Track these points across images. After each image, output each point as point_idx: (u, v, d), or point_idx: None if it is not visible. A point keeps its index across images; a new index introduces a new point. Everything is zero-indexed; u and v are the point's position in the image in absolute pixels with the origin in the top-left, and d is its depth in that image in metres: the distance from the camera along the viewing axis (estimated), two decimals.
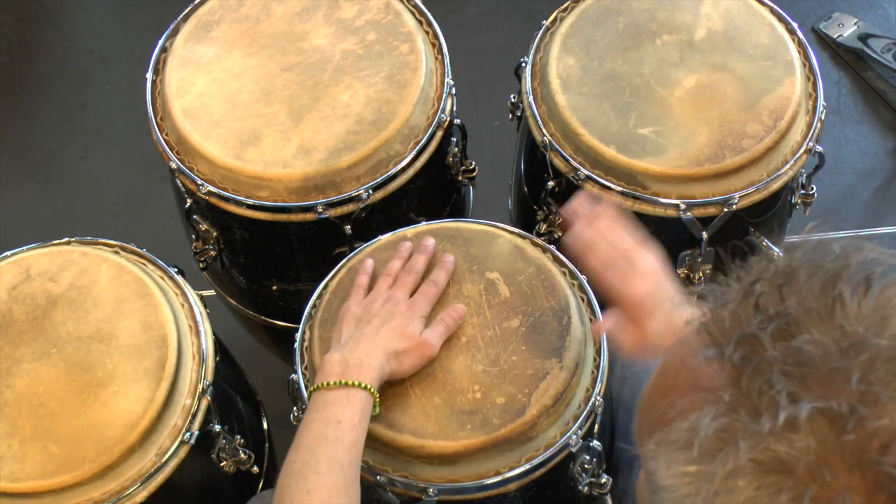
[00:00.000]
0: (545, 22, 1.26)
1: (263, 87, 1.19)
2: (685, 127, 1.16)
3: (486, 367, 1.00)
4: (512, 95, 1.30)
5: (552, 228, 1.26)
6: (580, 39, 1.23)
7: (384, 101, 1.17)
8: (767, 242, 1.24)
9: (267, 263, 1.28)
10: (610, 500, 1.07)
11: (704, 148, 1.14)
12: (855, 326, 0.47)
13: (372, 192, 1.14)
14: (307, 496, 0.87)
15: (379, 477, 0.98)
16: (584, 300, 1.07)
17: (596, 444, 1.01)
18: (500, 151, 1.57)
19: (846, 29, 2.04)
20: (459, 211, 1.36)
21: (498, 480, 0.97)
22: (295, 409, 1.07)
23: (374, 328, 0.97)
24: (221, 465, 1.12)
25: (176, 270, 1.15)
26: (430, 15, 1.25)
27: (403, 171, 1.16)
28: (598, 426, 1.03)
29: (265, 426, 1.33)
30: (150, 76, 1.23)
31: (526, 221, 1.35)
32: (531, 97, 1.22)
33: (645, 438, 0.55)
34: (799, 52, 1.22)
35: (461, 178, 1.29)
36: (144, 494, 1.01)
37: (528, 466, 0.97)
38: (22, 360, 1.05)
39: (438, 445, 0.96)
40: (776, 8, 1.26)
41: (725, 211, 1.15)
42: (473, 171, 1.29)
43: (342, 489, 0.88)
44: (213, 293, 1.42)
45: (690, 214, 1.15)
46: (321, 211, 1.14)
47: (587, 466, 1.02)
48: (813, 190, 1.28)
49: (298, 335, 1.06)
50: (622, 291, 0.94)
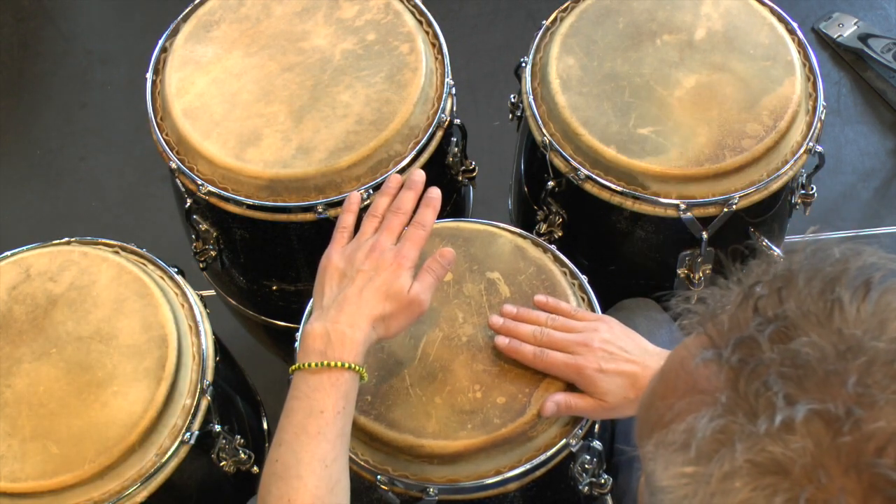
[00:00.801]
0: (545, 22, 1.26)
1: (263, 87, 1.19)
2: (685, 127, 1.16)
3: (486, 366, 1.00)
4: (512, 95, 1.30)
5: (552, 228, 1.26)
6: (580, 39, 1.23)
7: (384, 101, 1.17)
8: (767, 242, 1.24)
9: (267, 263, 1.28)
10: (610, 500, 1.07)
11: (704, 148, 1.14)
12: (853, 330, 0.48)
13: (372, 192, 1.14)
14: None
15: (379, 477, 0.98)
16: (584, 300, 1.07)
17: (596, 444, 1.01)
18: (500, 151, 1.58)
19: (846, 29, 2.04)
20: (459, 211, 1.36)
21: (498, 480, 0.97)
22: None
23: (357, 288, 0.91)
24: (221, 465, 1.12)
25: (176, 270, 1.15)
26: (430, 15, 1.25)
27: (403, 171, 1.16)
28: (598, 426, 1.03)
29: (265, 426, 1.33)
30: (150, 76, 1.23)
31: (526, 221, 1.35)
32: (531, 97, 1.22)
33: (644, 439, 0.55)
34: (799, 52, 1.22)
35: (461, 178, 1.29)
36: (144, 494, 1.01)
37: (528, 466, 0.97)
38: (22, 360, 1.05)
39: (439, 445, 0.96)
40: (776, 8, 1.26)
41: (725, 211, 1.15)
42: (473, 171, 1.29)
43: (326, 490, 0.84)
44: (213, 293, 1.42)
45: (690, 214, 1.15)
46: (321, 211, 1.14)
47: (587, 466, 1.02)
48: (813, 190, 1.28)
49: (299, 335, 1.06)
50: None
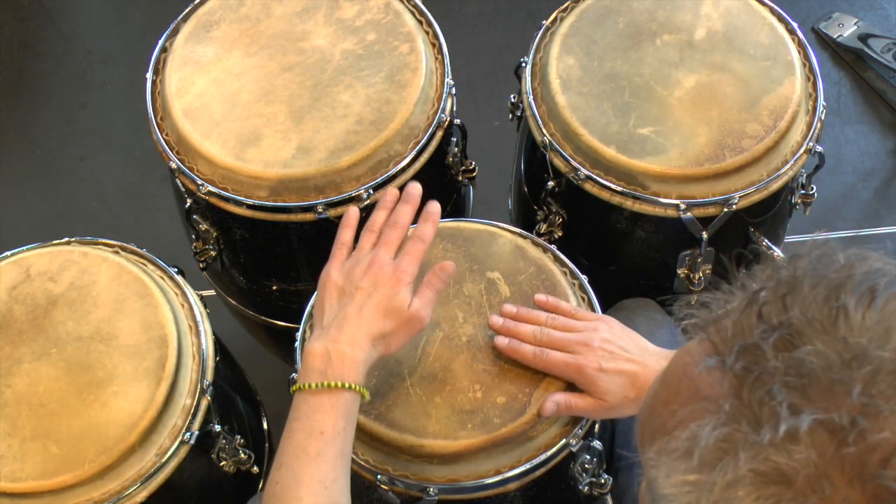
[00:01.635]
0: (545, 22, 1.26)
1: (263, 87, 1.19)
2: (685, 127, 1.16)
3: (486, 366, 1.00)
4: (512, 95, 1.30)
5: (552, 228, 1.26)
6: (580, 39, 1.23)
7: (384, 101, 1.17)
8: (767, 242, 1.24)
9: (267, 263, 1.28)
10: (610, 499, 1.07)
11: (704, 148, 1.14)
12: (858, 338, 0.47)
13: (372, 192, 1.14)
14: None
15: (379, 476, 0.98)
16: (584, 300, 1.07)
17: (596, 443, 1.01)
18: (500, 151, 1.57)
19: (846, 29, 2.04)
20: (459, 211, 1.36)
21: (498, 480, 0.97)
22: None
23: (357, 306, 0.90)
24: (221, 465, 1.12)
25: (176, 270, 1.15)
26: (430, 15, 1.25)
27: (403, 171, 1.16)
28: (598, 426, 1.03)
29: (265, 426, 1.33)
30: (150, 76, 1.23)
31: (526, 221, 1.35)
32: (531, 97, 1.22)
33: (647, 445, 0.55)
34: (799, 52, 1.22)
35: (461, 178, 1.29)
36: (144, 494, 1.01)
37: (528, 466, 0.97)
38: (22, 360, 1.05)
39: (439, 445, 0.96)
40: (776, 8, 1.26)
41: (725, 211, 1.15)
42: (473, 171, 1.29)
43: None
44: (213, 293, 1.42)
45: (690, 214, 1.15)
46: (321, 211, 1.14)
47: (587, 466, 1.02)
48: (813, 190, 1.28)
49: (299, 335, 1.06)
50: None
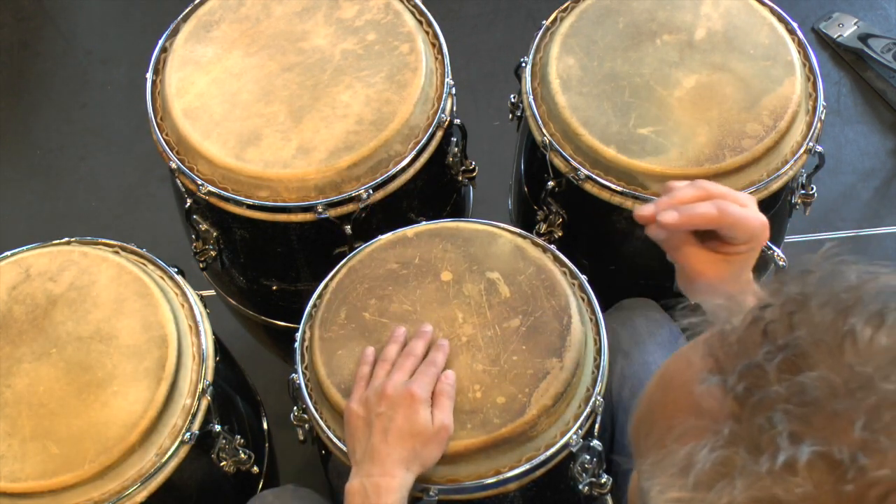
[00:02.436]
0: (545, 22, 1.26)
1: (263, 87, 1.19)
2: (685, 127, 1.16)
3: (486, 366, 1.00)
4: (512, 95, 1.30)
5: (552, 228, 1.26)
6: (580, 39, 1.23)
7: (384, 101, 1.17)
8: (767, 242, 1.24)
9: (267, 263, 1.28)
10: (610, 499, 1.07)
11: (704, 148, 1.14)
12: (864, 367, 0.46)
13: (372, 192, 1.14)
14: None
15: None
16: (584, 300, 1.07)
17: (596, 443, 1.01)
18: (500, 151, 1.57)
19: (846, 29, 2.04)
20: (459, 211, 1.36)
21: (498, 480, 0.97)
22: (295, 408, 1.07)
23: (381, 434, 0.92)
24: (221, 465, 1.12)
25: (176, 270, 1.15)
26: (430, 15, 1.25)
27: (403, 171, 1.16)
28: (598, 426, 1.03)
29: (265, 426, 1.33)
30: (150, 76, 1.23)
31: (526, 221, 1.35)
32: (531, 97, 1.22)
33: (641, 449, 0.55)
34: (799, 52, 1.22)
35: (461, 178, 1.29)
36: (144, 494, 1.01)
37: (528, 466, 0.97)
38: (22, 360, 1.05)
39: None
40: (776, 8, 1.26)
41: None
42: (473, 171, 1.29)
43: None
44: (213, 293, 1.42)
45: None
46: (321, 211, 1.14)
47: (587, 466, 1.02)
48: (813, 190, 1.28)
49: (299, 335, 1.06)
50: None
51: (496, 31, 2.13)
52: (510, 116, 1.32)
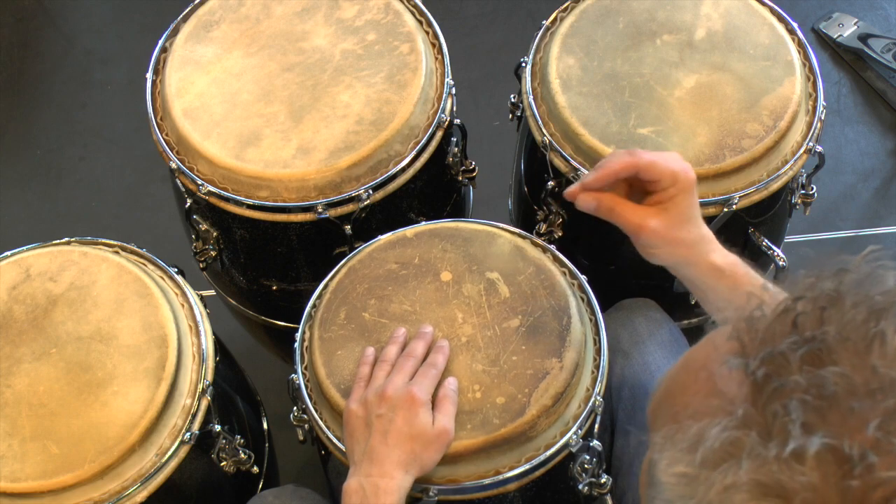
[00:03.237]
0: (545, 22, 1.26)
1: (263, 87, 1.19)
2: (685, 127, 1.16)
3: (485, 366, 1.00)
4: (512, 95, 1.30)
5: (552, 228, 1.26)
6: (580, 39, 1.23)
7: (384, 101, 1.17)
8: (767, 242, 1.24)
9: (267, 263, 1.28)
10: (610, 499, 1.07)
11: (704, 148, 1.14)
12: (888, 370, 0.46)
13: (372, 192, 1.14)
14: None
15: None
16: (583, 300, 1.07)
17: (596, 444, 1.01)
18: (500, 151, 1.58)
19: (846, 29, 2.04)
20: (459, 211, 1.36)
21: (498, 480, 0.97)
22: (295, 408, 1.07)
23: (381, 435, 0.92)
24: (221, 465, 1.12)
25: (176, 270, 1.15)
26: (430, 15, 1.25)
27: (403, 171, 1.16)
28: (597, 426, 1.03)
29: (265, 426, 1.33)
30: (150, 76, 1.23)
31: (526, 221, 1.35)
32: (531, 97, 1.22)
33: (658, 422, 0.55)
34: (799, 52, 1.22)
35: (461, 178, 1.29)
36: (144, 494, 1.01)
37: (527, 466, 0.97)
38: (22, 360, 1.05)
39: None
40: (776, 8, 1.26)
41: (725, 211, 1.15)
42: (473, 171, 1.29)
43: None
44: (213, 293, 1.42)
45: None
46: (321, 211, 1.14)
47: (587, 466, 1.02)
48: (813, 190, 1.28)
49: (298, 335, 1.06)
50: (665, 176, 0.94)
51: (496, 31, 2.13)
52: (510, 116, 1.32)
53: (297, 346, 1.05)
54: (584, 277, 1.08)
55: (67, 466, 0.98)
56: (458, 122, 1.23)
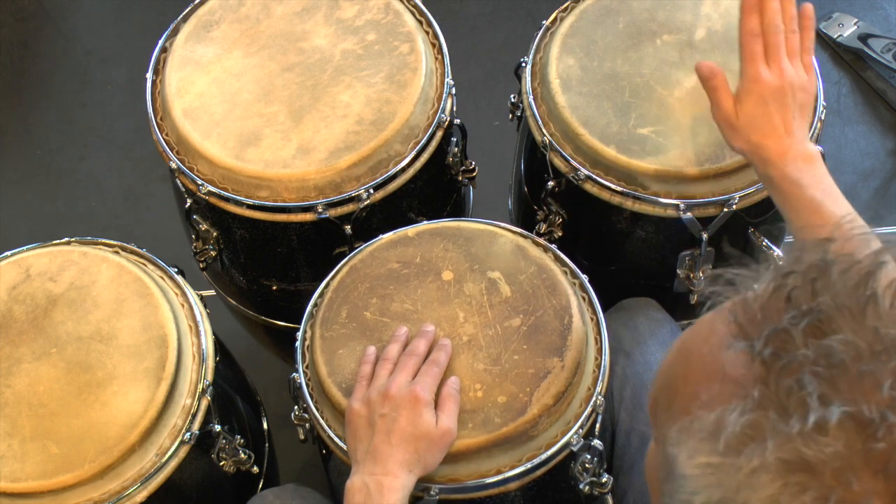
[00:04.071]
0: (545, 22, 1.26)
1: (263, 87, 1.19)
2: (685, 127, 1.16)
3: (487, 366, 1.00)
4: (512, 95, 1.30)
5: (552, 228, 1.26)
6: (580, 39, 1.23)
7: (384, 101, 1.17)
8: (767, 242, 1.24)
9: (267, 263, 1.28)
10: (610, 499, 1.07)
11: (704, 148, 1.14)
12: (889, 329, 0.47)
13: (372, 192, 1.14)
14: None
15: None
16: (585, 299, 1.07)
17: (597, 443, 1.01)
18: (500, 151, 1.57)
19: (846, 29, 2.04)
20: (459, 211, 1.36)
21: (499, 479, 0.97)
22: (296, 407, 1.07)
23: (384, 434, 0.91)
24: (221, 465, 1.12)
25: (176, 270, 1.15)
26: (430, 15, 1.25)
27: (403, 171, 1.16)
28: (599, 425, 1.03)
29: (265, 426, 1.33)
30: (150, 76, 1.23)
31: (526, 221, 1.35)
32: (531, 97, 1.22)
33: (661, 415, 0.55)
34: None
35: (461, 178, 1.29)
36: (144, 494, 1.01)
37: (529, 465, 0.97)
38: (22, 360, 1.05)
39: None
40: None
41: (725, 211, 1.15)
42: (473, 171, 1.29)
43: None
44: (213, 293, 1.42)
45: (690, 214, 1.15)
46: (321, 211, 1.14)
47: (588, 466, 1.02)
48: None
49: (300, 334, 1.06)
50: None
51: (496, 31, 2.13)
52: (510, 116, 1.32)
53: (298, 344, 1.05)
54: (585, 277, 1.08)
55: (67, 466, 0.98)
56: (458, 122, 1.23)
